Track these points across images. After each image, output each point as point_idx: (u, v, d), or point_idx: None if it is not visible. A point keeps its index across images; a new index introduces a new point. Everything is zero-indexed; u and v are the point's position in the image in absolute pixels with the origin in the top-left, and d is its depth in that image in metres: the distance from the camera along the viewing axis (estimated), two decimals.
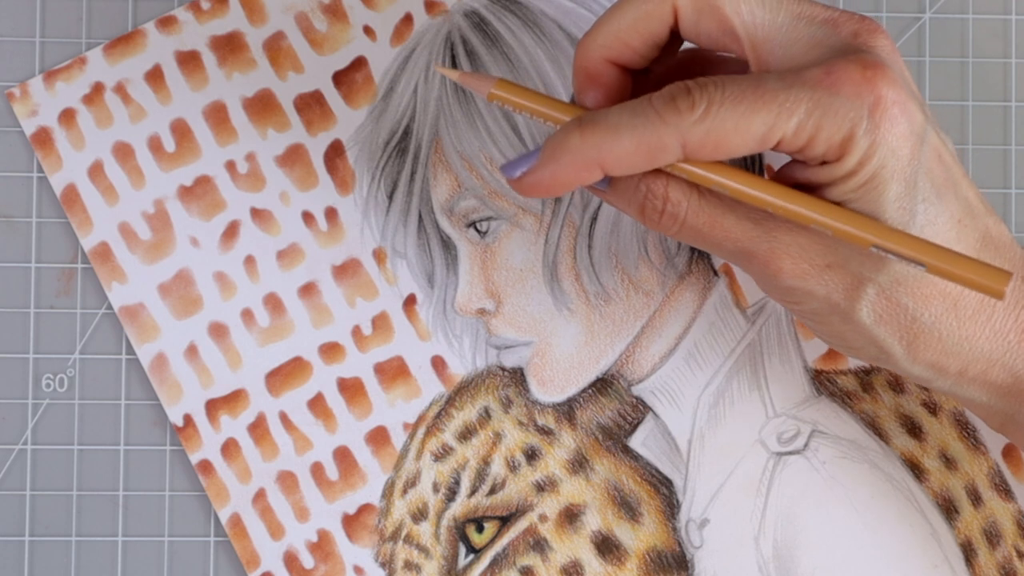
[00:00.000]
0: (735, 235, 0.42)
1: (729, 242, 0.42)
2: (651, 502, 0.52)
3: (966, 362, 0.43)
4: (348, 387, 0.52)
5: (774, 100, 0.39)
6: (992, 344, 0.42)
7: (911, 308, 0.42)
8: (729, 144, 0.40)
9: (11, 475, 0.52)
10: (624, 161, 0.40)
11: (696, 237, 0.43)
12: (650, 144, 0.40)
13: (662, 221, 0.42)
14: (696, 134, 0.40)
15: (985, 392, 0.44)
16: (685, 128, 0.40)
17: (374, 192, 0.53)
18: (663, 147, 0.40)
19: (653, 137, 0.40)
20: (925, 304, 0.42)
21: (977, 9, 0.55)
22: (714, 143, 0.40)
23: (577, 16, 0.53)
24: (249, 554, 0.52)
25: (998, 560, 0.51)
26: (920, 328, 0.42)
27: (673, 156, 0.40)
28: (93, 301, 0.53)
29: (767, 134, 0.40)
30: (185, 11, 0.53)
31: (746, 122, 0.39)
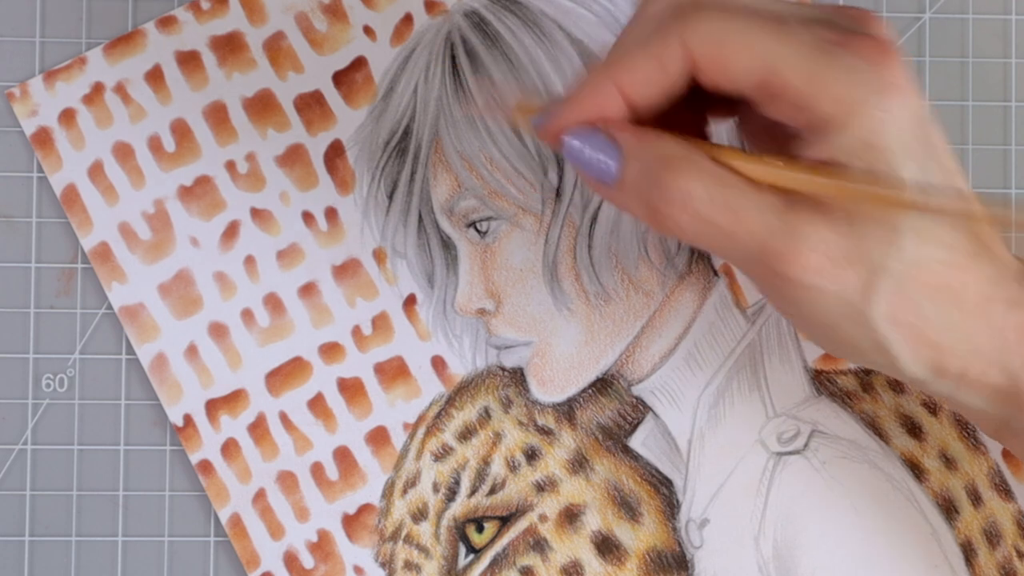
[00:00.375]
0: (755, 228, 0.40)
1: (746, 237, 0.40)
2: (651, 502, 0.52)
3: (966, 362, 0.42)
4: (348, 387, 0.52)
5: (795, 36, 0.38)
6: (991, 343, 0.42)
7: (920, 302, 0.41)
8: (740, 64, 0.39)
9: (11, 475, 0.52)
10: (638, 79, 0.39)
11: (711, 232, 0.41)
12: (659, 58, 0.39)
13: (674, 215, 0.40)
14: (706, 42, 0.39)
15: (982, 396, 0.43)
16: (695, 36, 0.39)
17: (374, 192, 0.53)
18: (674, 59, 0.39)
19: (659, 42, 0.39)
20: (932, 297, 0.41)
21: (977, 9, 0.55)
22: (724, 56, 0.39)
23: (577, 16, 0.53)
24: (249, 554, 0.52)
25: (998, 560, 0.51)
26: (926, 325, 0.41)
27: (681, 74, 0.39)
28: (93, 301, 0.53)
29: (777, 67, 0.38)
30: (185, 11, 0.53)
31: (762, 43, 0.38)
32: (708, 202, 0.40)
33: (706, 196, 0.40)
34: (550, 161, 0.52)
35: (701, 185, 0.40)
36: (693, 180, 0.40)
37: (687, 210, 0.40)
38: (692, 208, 0.40)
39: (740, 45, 0.39)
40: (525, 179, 0.52)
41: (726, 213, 0.40)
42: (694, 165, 0.40)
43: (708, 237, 0.41)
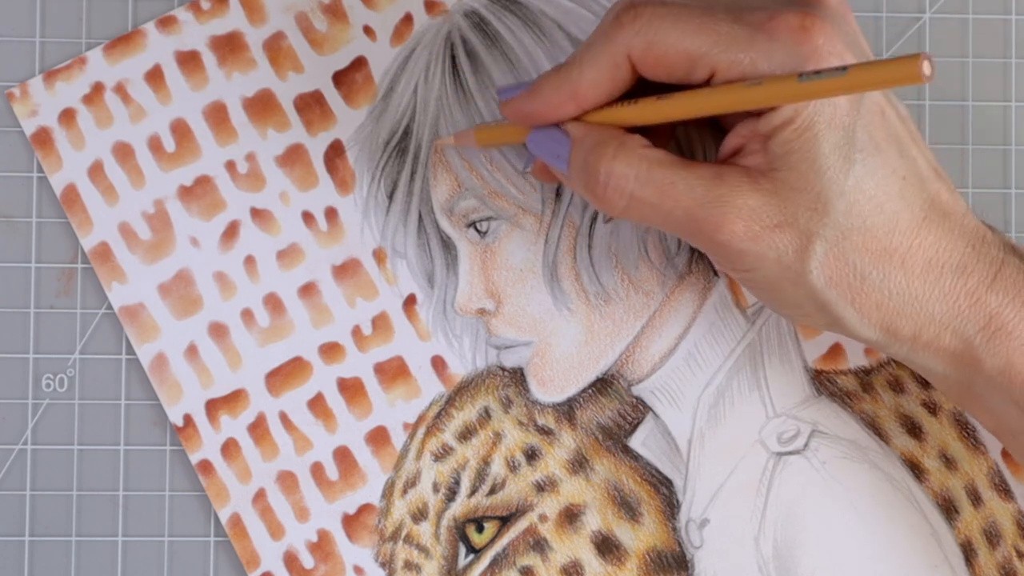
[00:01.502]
0: (685, 202, 0.43)
1: (679, 211, 0.43)
2: (651, 502, 0.52)
3: (918, 325, 0.43)
4: (348, 387, 0.52)
5: (715, 29, 0.42)
6: (942, 307, 0.43)
7: (859, 265, 0.43)
8: (669, 60, 0.42)
9: (11, 475, 0.53)
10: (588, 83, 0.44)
11: (646, 210, 0.44)
12: (604, 61, 0.43)
13: (608, 195, 0.44)
14: (639, 45, 0.43)
15: (940, 360, 0.44)
16: (630, 40, 0.43)
17: (374, 192, 0.53)
18: (615, 62, 0.43)
19: (605, 54, 0.43)
20: (873, 261, 0.43)
21: (977, 9, 0.55)
22: (655, 56, 0.43)
23: (577, 16, 0.53)
24: (249, 554, 0.52)
25: (998, 560, 0.51)
26: (870, 287, 0.43)
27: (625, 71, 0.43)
28: (93, 301, 0.53)
29: (702, 59, 0.42)
30: (185, 11, 0.53)
31: (685, 40, 0.42)
32: (635, 180, 0.43)
33: (632, 175, 0.43)
34: None
35: (627, 165, 0.43)
36: (620, 162, 0.43)
37: (618, 190, 0.44)
38: (622, 188, 0.43)
39: (667, 45, 0.42)
40: (525, 179, 0.52)
41: (654, 190, 0.43)
42: (623, 148, 0.44)
43: (643, 214, 0.44)
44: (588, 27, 0.53)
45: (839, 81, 0.39)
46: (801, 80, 0.40)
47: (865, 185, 0.42)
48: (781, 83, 0.40)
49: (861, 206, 0.42)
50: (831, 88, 0.39)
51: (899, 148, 0.43)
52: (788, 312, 0.46)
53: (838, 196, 0.42)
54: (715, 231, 0.42)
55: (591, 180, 0.44)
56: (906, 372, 0.52)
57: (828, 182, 0.42)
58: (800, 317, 0.45)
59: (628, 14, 0.43)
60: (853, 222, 0.42)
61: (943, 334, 0.44)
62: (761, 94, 0.41)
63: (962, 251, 0.43)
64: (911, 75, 0.37)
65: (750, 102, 0.41)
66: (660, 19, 0.43)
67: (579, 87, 0.44)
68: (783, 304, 0.45)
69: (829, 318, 0.44)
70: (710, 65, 0.42)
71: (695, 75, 0.42)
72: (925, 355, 0.44)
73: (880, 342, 0.44)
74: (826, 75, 0.39)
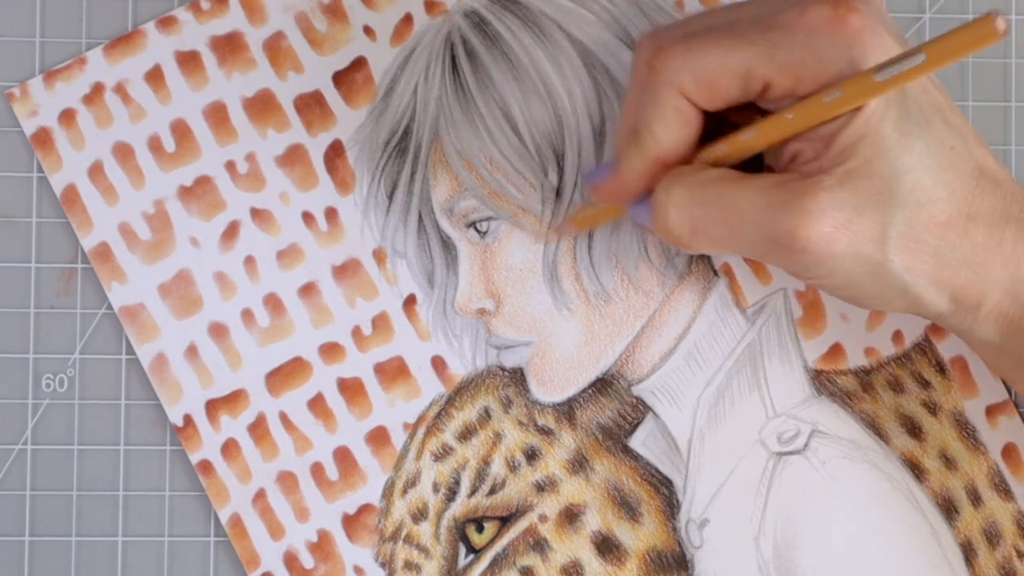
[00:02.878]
0: (751, 216, 0.42)
1: (747, 226, 0.43)
2: (651, 502, 0.52)
3: (983, 292, 0.44)
4: (348, 387, 0.52)
5: (749, 40, 0.42)
6: (1004, 272, 0.44)
7: (930, 242, 0.43)
8: (719, 85, 0.42)
9: (11, 475, 0.53)
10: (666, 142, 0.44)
11: (714, 231, 0.43)
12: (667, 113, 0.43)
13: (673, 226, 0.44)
14: (687, 81, 0.42)
15: (998, 329, 0.45)
16: (675, 80, 0.42)
17: (374, 192, 0.53)
18: (676, 108, 0.43)
19: (663, 106, 0.43)
20: (941, 235, 0.43)
21: (977, 9, 0.55)
22: (706, 86, 0.42)
23: (577, 16, 0.53)
24: (249, 554, 0.52)
25: (998, 560, 0.51)
26: (942, 261, 0.43)
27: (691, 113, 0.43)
28: (93, 301, 0.53)
29: (750, 73, 0.42)
30: (185, 11, 0.53)
31: (727, 62, 0.42)
32: (694, 203, 0.43)
33: (688, 196, 0.43)
34: (550, 161, 0.52)
35: (683, 190, 0.43)
36: (676, 189, 0.44)
37: (680, 217, 0.43)
38: (684, 214, 0.43)
39: (711, 71, 0.42)
40: (525, 179, 0.52)
41: (717, 209, 0.43)
42: (678, 176, 0.44)
43: (713, 237, 0.44)
44: (588, 27, 0.53)
45: (919, 67, 0.38)
46: (880, 77, 0.39)
47: (925, 159, 0.42)
48: (860, 85, 0.40)
49: (924, 181, 0.42)
50: (911, 76, 0.39)
51: (943, 118, 0.43)
52: (869, 304, 0.45)
53: (903, 174, 0.42)
54: (790, 240, 0.42)
55: (656, 216, 0.44)
56: (906, 372, 0.52)
57: (892, 162, 0.42)
58: (880, 306, 0.45)
59: (659, 58, 0.43)
60: (919, 198, 0.42)
61: (1004, 300, 0.44)
62: (843, 103, 0.41)
63: (1017, 217, 0.44)
64: (987, 35, 0.36)
65: (834, 113, 0.41)
66: (691, 51, 0.42)
67: (658, 149, 0.44)
68: (865, 299, 0.45)
69: (908, 300, 0.44)
70: (761, 77, 0.42)
71: (750, 91, 0.42)
72: (986, 323, 0.45)
73: (947, 313, 0.44)
74: (902, 63, 0.38)
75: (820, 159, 0.42)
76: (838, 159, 0.42)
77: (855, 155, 0.42)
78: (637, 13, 0.53)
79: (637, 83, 0.45)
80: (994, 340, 0.45)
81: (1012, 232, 0.44)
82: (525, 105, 0.52)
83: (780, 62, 0.41)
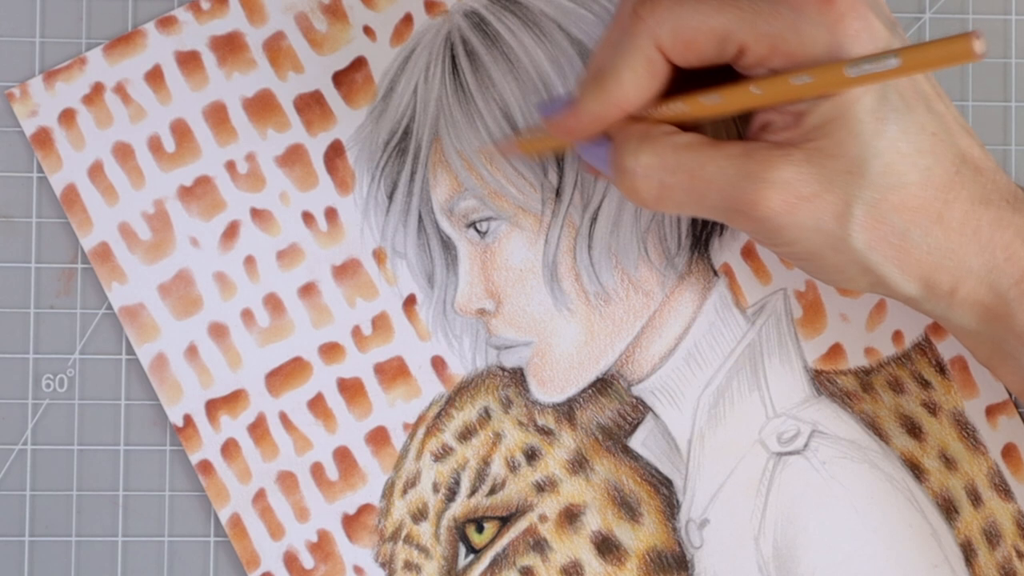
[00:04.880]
0: (717, 183, 0.43)
1: (712, 193, 0.43)
2: (651, 502, 0.52)
3: (956, 279, 0.44)
4: (348, 387, 0.52)
5: (737, 5, 0.42)
6: (979, 260, 0.44)
7: (898, 224, 0.43)
8: (697, 43, 0.42)
9: (11, 475, 0.53)
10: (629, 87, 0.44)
11: (680, 196, 0.44)
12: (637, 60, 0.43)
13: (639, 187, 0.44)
14: (665, 33, 0.43)
15: (974, 315, 0.45)
16: (654, 31, 0.43)
17: (374, 192, 0.53)
18: (647, 58, 0.43)
19: (636, 52, 0.43)
20: (911, 218, 0.43)
21: (977, 9, 0.55)
22: (683, 41, 0.43)
23: (577, 16, 0.53)
24: (249, 554, 0.52)
25: (998, 560, 0.51)
26: (910, 244, 0.43)
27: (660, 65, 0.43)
28: (93, 301, 0.53)
29: (729, 36, 0.42)
30: (185, 11, 0.53)
31: (709, 20, 0.42)
32: (663, 168, 0.44)
33: (659, 162, 0.44)
34: (550, 161, 0.52)
35: (653, 153, 0.44)
36: (646, 151, 0.44)
37: (648, 180, 0.44)
38: (651, 177, 0.44)
39: (692, 27, 0.42)
40: (525, 179, 0.52)
41: (685, 175, 0.43)
42: (647, 138, 0.44)
43: (678, 201, 0.44)
44: (588, 27, 0.53)
45: (891, 71, 0.38)
46: (850, 73, 0.39)
47: (899, 144, 0.42)
48: (830, 75, 0.40)
49: (896, 165, 0.42)
50: (882, 77, 0.39)
51: (927, 105, 0.43)
52: (830, 279, 0.46)
53: (873, 157, 0.42)
54: (751, 208, 0.42)
55: (620, 175, 0.44)
56: (906, 372, 0.52)
57: (863, 145, 0.42)
58: (843, 282, 0.45)
59: (645, 6, 0.43)
60: (889, 181, 0.42)
61: (979, 288, 0.44)
62: (810, 89, 0.41)
63: (997, 205, 0.44)
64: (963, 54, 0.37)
65: (799, 96, 0.41)
66: (679, 3, 0.43)
67: (621, 94, 0.44)
68: (826, 272, 0.45)
69: (871, 279, 0.44)
70: (738, 42, 0.42)
71: (725, 54, 0.43)
72: (961, 310, 0.45)
73: (918, 297, 0.45)
74: (876, 63, 0.39)
75: (790, 131, 0.43)
76: (808, 135, 0.42)
77: (826, 134, 0.42)
78: None
79: (616, 25, 0.45)
80: (971, 327, 0.45)
81: (989, 219, 0.44)
82: (525, 105, 0.52)
83: (760, 30, 0.42)
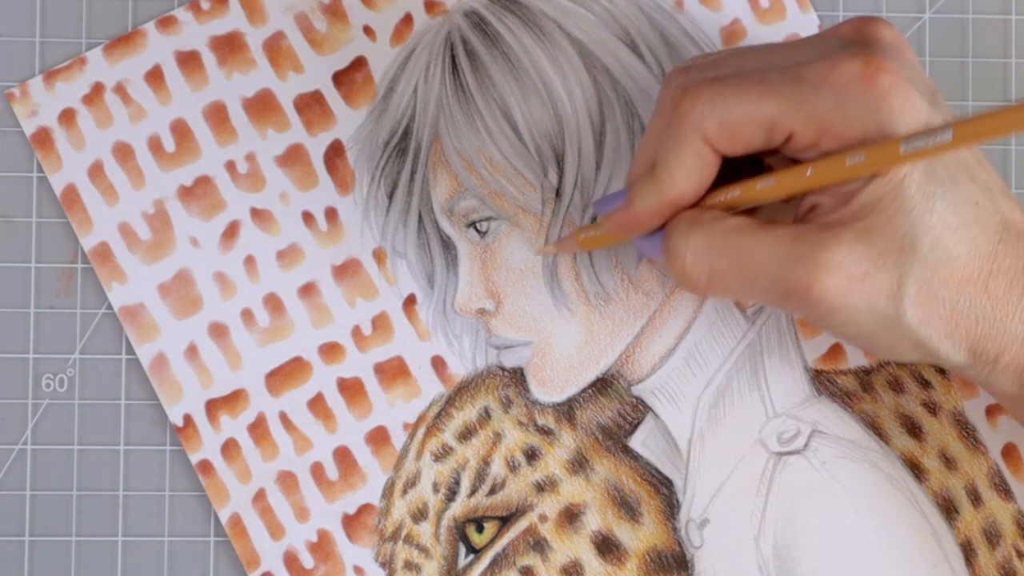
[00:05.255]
0: (768, 267, 0.42)
1: (763, 277, 0.43)
2: (651, 502, 0.52)
3: (1001, 346, 0.43)
4: (348, 387, 0.52)
5: (779, 92, 0.41)
6: (1022, 325, 0.43)
7: (948, 298, 0.42)
8: (744, 133, 0.42)
9: (11, 475, 0.53)
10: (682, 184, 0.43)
11: (731, 281, 0.43)
12: (687, 156, 0.43)
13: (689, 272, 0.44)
14: (711, 127, 0.42)
15: (1016, 381, 0.44)
16: (700, 125, 0.42)
17: (374, 192, 0.53)
18: (696, 152, 0.43)
19: (684, 148, 0.43)
20: (960, 291, 0.42)
21: (977, 9, 0.55)
22: (730, 134, 0.42)
23: (577, 16, 0.53)
24: (249, 554, 0.52)
25: (998, 560, 0.51)
26: (959, 316, 0.43)
27: (709, 158, 0.43)
28: (93, 301, 0.53)
29: (776, 124, 0.41)
30: (185, 11, 0.53)
31: (755, 111, 0.42)
32: (712, 252, 0.43)
33: (708, 246, 0.43)
34: (550, 161, 0.52)
35: (702, 237, 0.43)
36: (695, 235, 0.43)
37: (697, 264, 0.43)
38: (701, 261, 0.43)
39: (738, 119, 0.42)
40: (525, 179, 0.52)
41: (735, 258, 0.43)
42: (697, 222, 0.44)
43: (729, 285, 0.44)
44: (588, 27, 0.53)
45: (945, 145, 0.38)
46: (905, 149, 0.39)
47: (947, 218, 0.42)
48: (884, 153, 0.40)
49: (945, 239, 0.42)
50: (935, 152, 0.39)
51: (970, 175, 0.43)
52: (883, 354, 0.45)
53: (924, 233, 0.42)
54: (805, 292, 0.42)
55: (672, 260, 0.44)
56: (906, 372, 0.52)
57: (914, 221, 0.41)
58: (895, 356, 0.45)
59: (686, 101, 0.43)
60: (939, 256, 0.42)
61: (1022, 352, 0.43)
62: (864, 168, 0.41)
63: None
64: (1015, 123, 0.37)
65: (853, 176, 0.41)
66: (721, 96, 0.42)
67: (675, 191, 0.44)
68: (878, 348, 0.44)
69: (922, 352, 0.44)
70: (786, 129, 0.42)
71: (773, 141, 0.42)
72: (1004, 376, 0.44)
73: (965, 365, 0.44)
74: (929, 139, 0.39)
75: (839, 212, 0.42)
76: (858, 214, 0.42)
77: (876, 212, 0.42)
78: (637, 13, 0.53)
79: (661, 119, 0.45)
80: (1013, 391, 0.45)
81: None
82: (525, 105, 0.52)
83: (806, 115, 0.41)
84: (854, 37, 0.43)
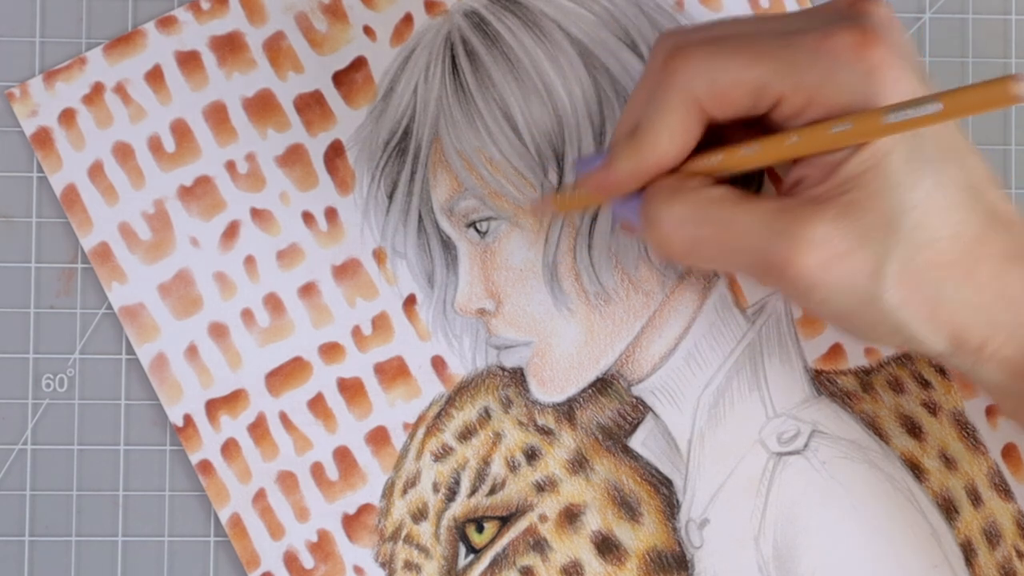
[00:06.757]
0: (749, 239, 0.42)
1: (744, 249, 0.42)
2: (651, 502, 0.52)
3: (985, 336, 0.43)
4: (348, 387, 0.52)
5: (772, 55, 0.41)
6: (1008, 316, 0.43)
7: (930, 281, 0.42)
8: (733, 95, 0.42)
9: (11, 475, 0.53)
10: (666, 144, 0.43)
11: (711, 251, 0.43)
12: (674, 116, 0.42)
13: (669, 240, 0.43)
14: (702, 86, 0.42)
15: (1002, 371, 0.44)
16: (690, 84, 0.42)
17: (374, 192, 0.53)
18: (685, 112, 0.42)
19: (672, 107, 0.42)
20: (943, 275, 0.42)
21: (977, 9, 0.55)
22: (719, 96, 0.42)
23: (577, 16, 0.53)
24: (249, 554, 0.52)
25: (998, 560, 0.51)
26: (941, 301, 0.42)
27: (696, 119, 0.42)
28: (93, 301, 0.53)
29: (766, 88, 0.41)
30: (185, 11, 0.53)
31: (746, 72, 0.41)
32: (694, 221, 0.43)
33: (690, 215, 0.43)
34: (550, 161, 0.52)
35: (684, 206, 0.43)
36: (677, 204, 0.43)
37: (678, 233, 0.43)
38: (682, 230, 0.43)
39: (729, 80, 0.42)
40: (525, 179, 0.52)
41: (716, 229, 0.43)
42: (679, 191, 0.43)
43: (709, 255, 0.43)
44: (588, 27, 0.53)
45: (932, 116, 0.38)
46: (890, 119, 0.39)
47: (933, 197, 0.41)
48: (870, 122, 0.40)
49: (929, 220, 0.41)
50: (922, 123, 0.39)
51: (959, 159, 0.43)
52: (861, 335, 0.45)
53: (909, 210, 0.41)
54: (785, 266, 0.41)
55: (651, 227, 0.44)
56: (906, 372, 0.52)
57: (898, 198, 0.41)
58: (874, 339, 0.44)
59: (677, 59, 0.42)
60: (922, 236, 0.41)
61: (1007, 344, 0.43)
62: (849, 136, 0.40)
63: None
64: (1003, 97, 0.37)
65: (837, 145, 0.41)
66: (713, 56, 0.42)
67: (658, 152, 0.43)
68: (857, 329, 0.44)
69: (902, 336, 0.43)
70: (775, 93, 0.41)
71: (761, 105, 0.42)
72: (989, 366, 0.44)
73: (946, 353, 0.44)
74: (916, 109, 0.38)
75: (824, 185, 0.42)
76: (842, 187, 0.41)
77: (860, 185, 0.41)
78: (637, 13, 0.53)
79: (649, 79, 0.44)
80: (998, 381, 0.44)
81: (1018, 275, 0.43)
82: (525, 105, 0.52)
83: (796, 81, 0.41)
84: (849, 11, 0.43)
